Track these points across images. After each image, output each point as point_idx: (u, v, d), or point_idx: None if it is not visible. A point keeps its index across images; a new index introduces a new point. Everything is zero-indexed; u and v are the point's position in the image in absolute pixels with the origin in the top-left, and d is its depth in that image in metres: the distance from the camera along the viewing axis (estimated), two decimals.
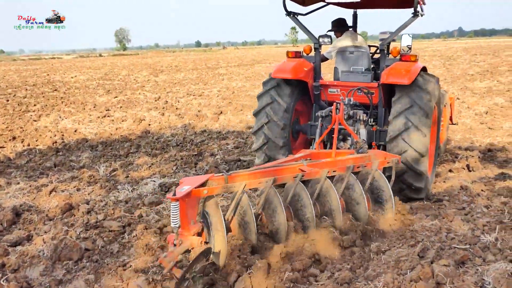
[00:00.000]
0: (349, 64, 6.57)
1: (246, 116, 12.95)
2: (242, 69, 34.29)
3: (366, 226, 4.56)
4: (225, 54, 72.24)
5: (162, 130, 11.42)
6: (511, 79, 19.30)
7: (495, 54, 38.67)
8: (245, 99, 17.02)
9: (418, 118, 5.40)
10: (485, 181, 6.17)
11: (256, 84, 22.32)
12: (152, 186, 6.67)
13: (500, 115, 11.50)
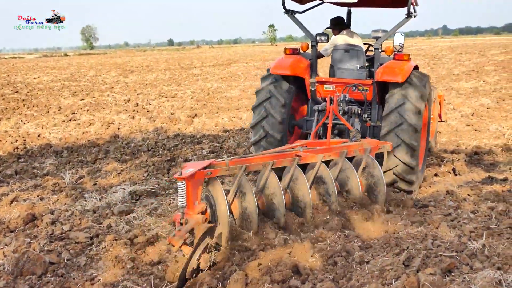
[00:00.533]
0: (344, 62, 7.07)
1: (222, 119, 12.95)
2: (218, 69, 34.27)
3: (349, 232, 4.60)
4: (199, 54, 72.10)
5: (132, 134, 11.34)
6: (497, 79, 19.69)
7: (481, 53, 39.41)
8: (221, 101, 17.01)
9: (410, 115, 5.91)
10: (471, 186, 6.27)
11: (232, 85, 22.34)
12: (122, 194, 6.61)
13: (486, 117, 11.72)
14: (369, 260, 4.05)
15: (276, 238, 4.52)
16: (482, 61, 30.68)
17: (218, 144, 9.87)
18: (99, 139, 10.79)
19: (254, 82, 23.36)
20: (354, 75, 6.96)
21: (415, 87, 6.06)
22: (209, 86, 22.24)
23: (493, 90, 16.52)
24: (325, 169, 5.19)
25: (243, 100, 16.98)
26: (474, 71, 23.72)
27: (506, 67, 24.76)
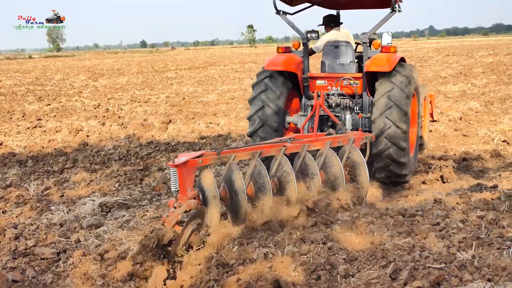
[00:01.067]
0: (335, 57, 7.90)
1: (199, 125, 12.93)
2: (194, 72, 34.23)
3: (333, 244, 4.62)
4: (174, 56, 71.94)
5: (102, 142, 11.25)
6: (485, 82, 20.00)
7: (469, 55, 40.02)
8: (197, 106, 16.98)
9: (399, 98, 6.72)
10: (460, 193, 6.33)
11: (209, 89, 22.34)
12: (91, 206, 6.56)
13: (475, 121, 11.88)
14: (354, 273, 4.06)
15: (256, 252, 4.52)
16: (470, 63, 31.16)
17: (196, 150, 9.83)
18: (66, 148, 10.68)
19: (232, 85, 23.39)
20: (345, 69, 7.77)
21: (402, 75, 6.87)
22: (184, 90, 22.19)
23: (482, 93, 16.78)
24: (310, 158, 5.90)
25: (220, 105, 16.98)
26: (462, 74, 24.07)
27: (494, 69, 25.17)
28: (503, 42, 72.74)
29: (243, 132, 11.76)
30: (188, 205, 4.88)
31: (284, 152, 5.80)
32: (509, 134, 10.00)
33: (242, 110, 15.34)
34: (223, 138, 11.20)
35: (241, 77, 28.24)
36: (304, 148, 6.02)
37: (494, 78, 21.36)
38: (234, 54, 71.74)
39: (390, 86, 6.80)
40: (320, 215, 5.47)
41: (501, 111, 13.08)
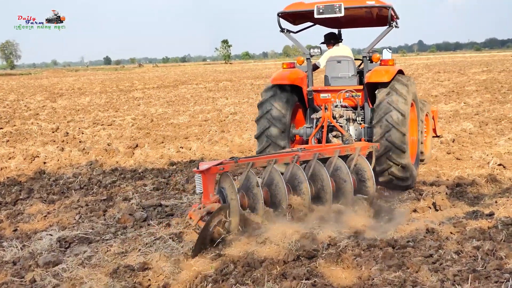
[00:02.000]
0: (337, 71, 9.16)
1: (169, 150, 12.89)
2: (163, 91, 34.23)
3: None
4: (141, 73, 71.90)
5: (61, 170, 11.15)
6: (479, 101, 20.35)
7: (461, 72, 40.75)
8: (167, 128, 16.95)
9: (397, 103, 7.92)
10: (454, 222, 6.39)
11: (180, 110, 22.34)
12: (49, 242, 6.47)
13: (469, 143, 12.03)
14: None
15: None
16: (462, 80, 31.70)
17: (164, 180, 9.80)
18: (20, 176, 10.56)
19: (205, 106, 23.43)
20: (347, 82, 9.03)
21: (401, 84, 8.13)
22: (153, 111, 22.16)
23: (475, 113, 17.04)
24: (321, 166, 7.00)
25: (192, 127, 16.98)
26: (454, 92, 24.47)
27: (488, 87, 25.64)
28: (497, 58, 74.29)
29: (218, 157, 11.75)
30: (212, 207, 5.97)
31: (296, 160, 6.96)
32: (505, 157, 10.13)
33: (216, 133, 15.36)
34: (196, 164, 11.17)
35: (215, 97, 28.32)
36: (315, 157, 7.16)
37: (488, 96, 21.75)
38: (208, 71, 71.99)
39: (389, 93, 8.06)
40: (303, 248, 5.48)
41: (496, 132, 13.28)
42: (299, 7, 8.87)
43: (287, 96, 8.78)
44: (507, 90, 23.89)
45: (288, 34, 9.23)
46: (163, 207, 7.93)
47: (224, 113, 20.40)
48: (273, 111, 8.63)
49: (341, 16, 8.51)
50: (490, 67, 45.96)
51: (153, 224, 7.09)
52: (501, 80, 29.63)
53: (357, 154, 7.48)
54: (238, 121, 17.98)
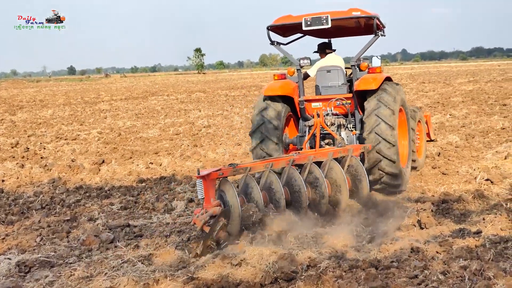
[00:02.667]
0: (327, 81, 10.06)
1: (137, 166, 12.83)
2: (132, 103, 34.11)
3: None
4: (108, 84, 71.55)
5: (21, 188, 11.04)
6: (466, 112, 20.60)
7: (446, 82, 41.28)
8: (136, 143, 16.89)
9: (385, 115, 8.79)
10: (440, 241, 6.43)
11: (150, 123, 22.28)
12: (7, 266, 6.39)
13: (455, 157, 12.14)
14: None
15: None
16: (448, 91, 32.09)
17: (132, 198, 9.76)
18: None
19: (177, 119, 23.39)
20: (337, 90, 9.93)
21: (388, 92, 8.99)
22: (120, 124, 22.08)
23: (462, 126, 17.23)
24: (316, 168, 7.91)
25: (163, 141, 16.93)
26: (439, 103, 24.74)
27: (475, 98, 25.97)
28: (483, 67, 75.38)
29: (191, 173, 11.73)
30: (214, 211, 6.65)
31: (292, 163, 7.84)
32: (493, 171, 10.24)
33: (188, 148, 15.33)
34: (167, 181, 11.14)
35: (187, 109, 28.29)
36: (310, 159, 8.02)
37: (475, 108, 22.02)
38: (179, 82, 71.92)
39: (377, 105, 8.89)
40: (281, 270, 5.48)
41: (484, 146, 13.43)
42: (287, 20, 9.74)
43: (279, 107, 9.59)
44: (494, 101, 24.20)
45: (278, 46, 10.22)
46: (132, 228, 7.89)
47: (197, 126, 20.39)
48: (267, 124, 9.41)
49: (329, 27, 9.31)
50: (477, 77, 46.64)
51: (120, 246, 7.04)
52: (488, 91, 30.04)
53: (350, 155, 8.43)
54: (212, 135, 17.98)
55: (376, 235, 7.00)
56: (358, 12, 9.32)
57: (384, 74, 9.42)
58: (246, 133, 17.88)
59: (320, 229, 7.09)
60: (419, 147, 11.29)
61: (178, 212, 8.76)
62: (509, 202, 7.96)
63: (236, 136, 17.45)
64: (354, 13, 9.36)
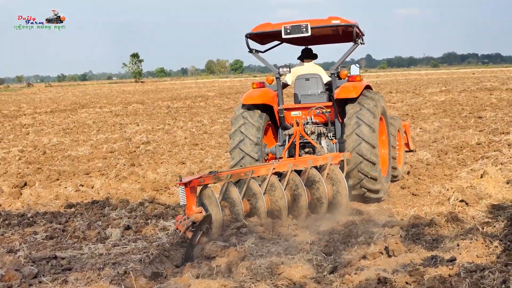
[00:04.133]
0: (306, 89, 11.20)
1: (66, 189, 12.68)
2: (58, 117, 33.71)
3: None
4: (31, 95, 70.57)
5: None
6: (437, 126, 20.98)
7: (416, 92, 42.00)
8: (64, 162, 16.69)
9: (367, 117, 9.86)
10: (410, 270, 6.50)
11: (80, 139, 22.06)
12: None
13: (426, 176, 12.31)
14: None
15: None
16: (418, 102, 32.66)
17: (60, 226, 9.63)
18: None
19: (111, 134, 23.21)
20: (316, 99, 11.03)
21: (368, 97, 10.12)
22: (45, 141, 21.82)
23: (433, 141, 17.53)
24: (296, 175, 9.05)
25: (95, 160, 16.78)
26: (409, 116, 25.14)
27: (447, 110, 26.50)
28: (456, 75, 77.05)
29: (127, 197, 11.65)
30: (196, 217, 7.69)
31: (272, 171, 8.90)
32: (468, 192, 10.36)
33: (125, 167, 15.22)
34: (100, 205, 11.02)
35: (123, 123, 28.12)
36: (289, 167, 9.08)
37: (448, 121, 22.48)
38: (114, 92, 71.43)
39: (358, 107, 10.00)
40: None
41: (457, 163, 13.69)
42: (266, 28, 10.84)
43: (258, 117, 10.56)
44: (468, 113, 24.73)
45: (256, 54, 11.35)
46: (59, 260, 7.76)
47: (134, 143, 20.27)
48: (246, 125, 10.41)
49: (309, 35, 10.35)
50: (449, 86, 47.59)
51: (45, 281, 6.93)
52: (462, 102, 30.71)
53: (329, 163, 9.49)
54: (151, 153, 17.90)
55: (338, 265, 7.04)
56: (337, 20, 10.41)
57: (364, 82, 10.49)
58: (190, 150, 17.90)
59: (276, 258, 7.09)
60: (398, 157, 12.28)
61: (113, 241, 8.66)
62: (486, 225, 8.09)
63: (180, 153, 17.41)
64: (334, 22, 10.44)
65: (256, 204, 8.66)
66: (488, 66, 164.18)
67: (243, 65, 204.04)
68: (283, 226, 8.56)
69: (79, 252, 8.21)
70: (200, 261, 6.97)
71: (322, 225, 8.67)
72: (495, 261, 6.43)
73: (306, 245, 7.67)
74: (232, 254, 7.05)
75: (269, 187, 8.87)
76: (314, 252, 7.35)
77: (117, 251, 8.16)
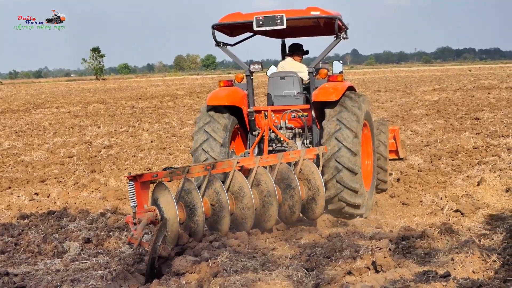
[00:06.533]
0: (281, 89, 10.77)
1: (18, 198, 12.60)
2: (10, 118, 33.46)
3: None
4: None
5: None
6: (430, 128, 21.11)
7: (407, 90, 42.20)
8: (17, 168, 16.59)
9: (348, 120, 9.36)
10: (400, 286, 6.52)
11: (34, 142, 21.92)
12: None
13: (417, 183, 12.37)
14: None
15: None
16: (409, 102, 32.80)
17: (12, 239, 9.54)
18: None
19: (69, 137, 23.10)
20: (292, 101, 10.61)
21: (351, 100, 9.64)
22: None
23: (426, 145, 17.64)
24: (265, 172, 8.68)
25: (51, 166, 16.69)
26: (399, 117, 25.25)
27: (441, 111, 26.63)
28: (451, 72, 77.50)
29: (87, 207, 11.60)
30: (148, 218, 7.24)
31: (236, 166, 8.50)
32: (463, 201, 10.43)
33: (84, 174, 15.16)
34: (57, 216, 10.94)
35: (83, 125, 27.98)
36: (256, 162, 8.71)
37: (442, 122, 22.62)
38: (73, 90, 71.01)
39: (339, 109, 9.52)
40: None
41: (452, 169, 13.80)
42: (236, 19, 10.43)
43: (225, 119, 10.13)
44: (464, 114, 24.90)
45: (225, 48, 10.97)
46: (11, 277, 7.71)
47: (95, 147, 20.19)
48: (210, 142, 9.89)
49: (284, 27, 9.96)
50: (443, 84, 47.83)
51: None
52: (457, 102, 30.88)
53: (302, 158, 9.16)
54: (114, 158, 17.85)
55: (321, 281, 7.05)
56: (317, 12, 9.98)
57: (346, 83, 10.01)
58: (157, 155, 17.86)
59: (252, 275, 7.10)
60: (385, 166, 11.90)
61: (72, 256, 8.61)
62: (483, 238, 8.14)
63: (146, 158, 17.41)
64: (313, 13, 10.01)
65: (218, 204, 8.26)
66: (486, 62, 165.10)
67: (216, 60, 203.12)
68: (260, 239, 8.56)
69: (33, 268, 8.15)
70: (168, 277, 6.94)
71: (304, 237, 8.64)
72: (493, 276, 6.47)
73: (285, 260, 7.65)
74: (204, 270, 7.04)
75: (232, 185, 8.50)
76: (295, 268, 7.34)
77: (76, 267, 8.11)
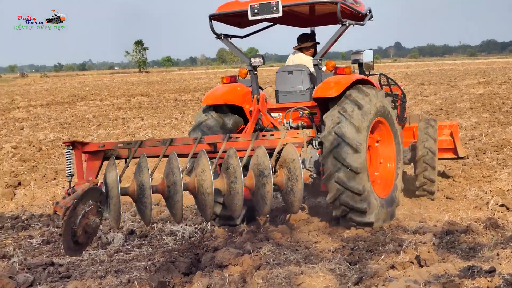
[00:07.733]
0: (288, 85, 9.78)
1: (63, 189, 12.67)
2: (55, 110, 33.80)
3: None
4: (25, 86, 70.83)
5: None
6: (475, 122, 20.85)
7: (451, 84, 41.72)
8: (62, 159, 16.70)
9: (347, 133, 8.20)
10: (444, 281, 6.47)
11: (79, 134, 22.09)
12: None
13: (462, 177, 12.22)
14: None
15: None
16: (453, 95, 32.43)
17: (57, 230, 9.64)
18: None
19: (113, 129, 23.25)
20: (298, 98, 9.63)
21: (352, 101, 8.46)
22: (41, 137, 21.93)
23: (470, 138, 17.45)
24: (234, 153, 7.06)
25: None
26: (443, 110, 24.97)
27: (486, 104, 26.24)
28: (496, 66, 76.35)
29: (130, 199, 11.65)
30: (83, 189, 6.37)
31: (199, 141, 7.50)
32: (509, 195, 10.30)
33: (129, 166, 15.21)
34: None
35: (126, 117, 28.16)
36: (224, 139, 7.57)
37: (487, 116, 22.28)
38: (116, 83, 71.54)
39: (337, 119, 8.36)
40: None
41: (497, 163, 13.59)
42: (232, 8, 9.51)
43: (225, 120, 9.25)
44: (510, 107, 24.53)
45: (226, 40, 9.95)
46: (56, 267, 7.79)
47: (138, 139, 20.23)
48: (208, 121, 9.16)
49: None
50: (488, 77, 47.18)
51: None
52: (502, 95, 30.43)
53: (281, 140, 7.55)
54: None
55: (364, 275, 7.02)
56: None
57: (354, 76, 8.95)
58: None
59: (295, 268, 7.10)
60: None
61: (116, 247, 8.68)
62: None
63: None
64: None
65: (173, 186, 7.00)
66: None
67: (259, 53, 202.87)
68: (302, 232, 8.55)
69: (78, 258, 8.23)
70: (211, 269, 6.96)
71: (346, 231, 8.59)
72: None
73: (328, 253, 7.65)
74: (247, 262, 7.05)
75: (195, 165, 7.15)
76: (337, 261, 7.33)
77: (119, 258, 8.19)
